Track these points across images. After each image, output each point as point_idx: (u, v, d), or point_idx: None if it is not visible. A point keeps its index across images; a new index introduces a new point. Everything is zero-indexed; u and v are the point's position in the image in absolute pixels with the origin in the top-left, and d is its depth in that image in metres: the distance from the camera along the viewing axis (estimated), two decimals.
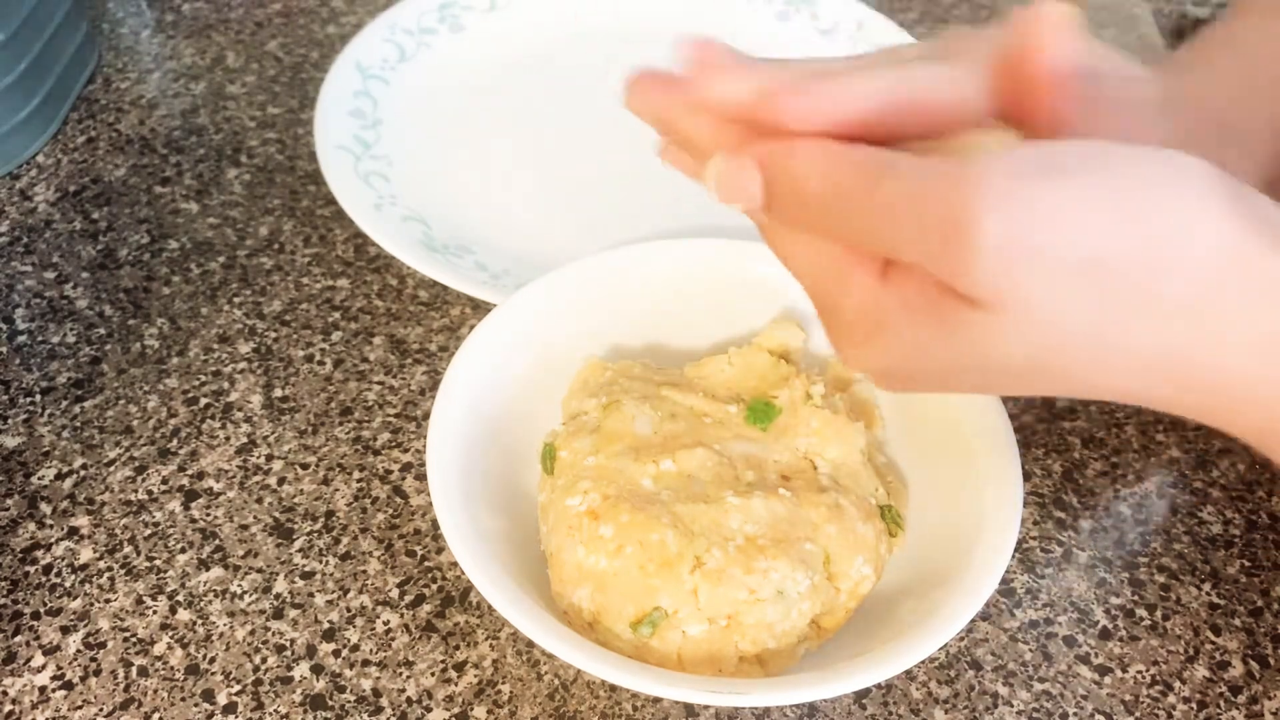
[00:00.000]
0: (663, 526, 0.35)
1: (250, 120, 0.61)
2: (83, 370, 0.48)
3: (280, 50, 0.66)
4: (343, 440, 0.46)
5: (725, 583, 0.34)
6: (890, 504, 0.39)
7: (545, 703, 0.39)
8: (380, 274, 0.53)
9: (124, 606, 0.41)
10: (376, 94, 0.59)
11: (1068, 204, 0.24)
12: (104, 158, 0.59)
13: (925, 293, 0.26)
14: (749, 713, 0.39)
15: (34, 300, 0.51)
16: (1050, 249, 0.24)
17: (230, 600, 0.41)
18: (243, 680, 0.39)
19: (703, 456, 0.38)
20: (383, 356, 0.49)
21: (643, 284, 0.45)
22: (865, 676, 0.33)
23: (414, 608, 0.41)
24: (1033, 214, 0.24)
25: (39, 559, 0.42)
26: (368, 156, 0.56)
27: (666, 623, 0.34)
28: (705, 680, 0.33)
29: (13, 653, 0.39)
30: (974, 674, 0.40)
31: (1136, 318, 0.25)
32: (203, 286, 0.52)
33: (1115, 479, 0.46)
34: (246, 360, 0.49)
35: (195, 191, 0.57)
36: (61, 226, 0.55)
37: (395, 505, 0.44)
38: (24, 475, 0.45)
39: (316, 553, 0.42)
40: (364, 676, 0.39)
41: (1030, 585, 0.43)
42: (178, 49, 0.65)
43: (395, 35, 0.61)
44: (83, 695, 0.38)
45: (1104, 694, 0.40)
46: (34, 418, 0.47)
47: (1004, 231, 0.24)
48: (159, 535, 0.43)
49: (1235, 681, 0.40)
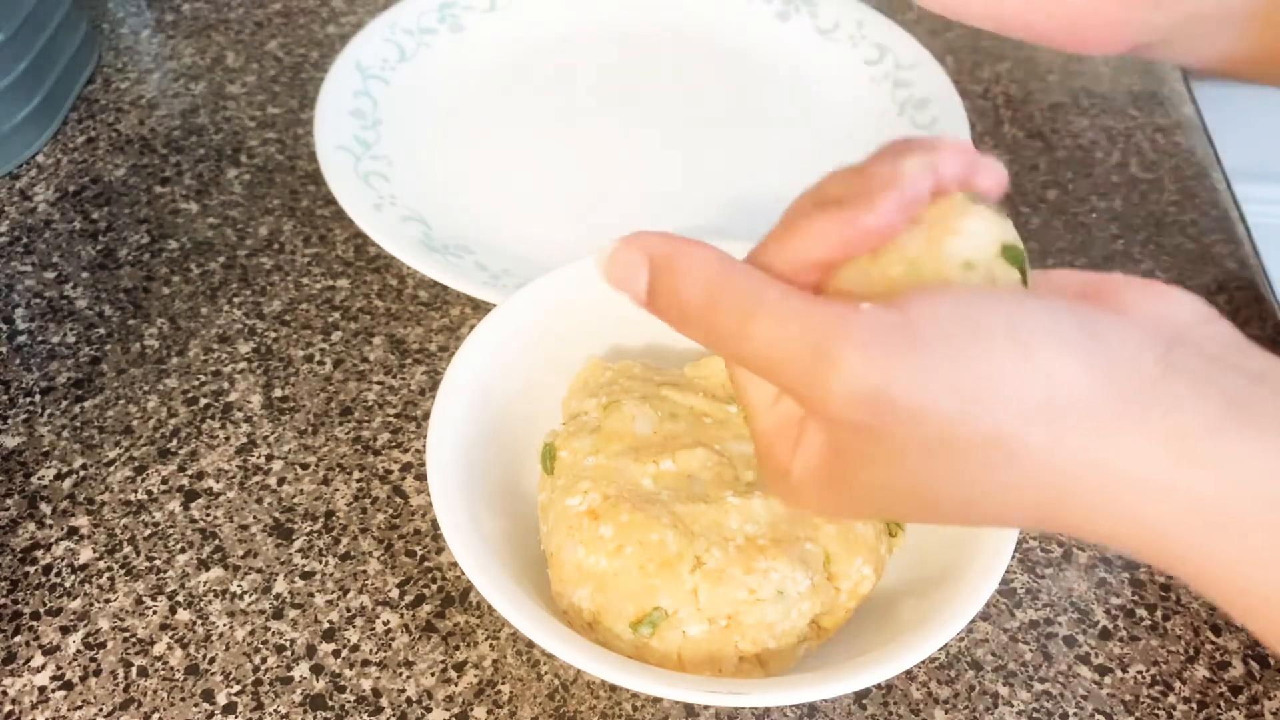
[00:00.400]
0: (663, 526, 0.35)
1: (250, 120, 0.61)
2: (83, 370, 0.48)
3: (280, 50, 0.66)
4: (343, 440, 0.46)
5: (725, 583, 0.34)
6: None
7: (545, 703, 0.39)
8: (380, 274, 0.53)
9: (124, 606, 0.41)
10: (376, 94, 0.59)
11: (916, 373, 0.24)
12: (104, 158, 0.59)
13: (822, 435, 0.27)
14: (749, 713, 0.39)
15: (34, 300, 0.51)
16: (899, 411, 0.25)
17: (230, 600, 0.41)
18: (243, 680, 0.39)
19: (703, 456, 0.38)
20: (383, 356, 0.49)
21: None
22: (865, 676, 0.33)
23: (414, 608, 0.41)
24: (883, 375, 0.24)
25: (39, 559, 0.42)
26: (368, 156, 0.56)
27: (666, 623, 0.34)
28: (705, 680, 0.33)
29: (13, 653, 0.39)
30: (974, 674, 0.40)
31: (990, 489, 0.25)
32: (203, 286, 0.52)
33: None
34: (246, 360, 0.49)
35: (195, 191, 0.57)
36: (61, 226, 0.55)
37: (395, 505, 0.44)
38: (24, 475, 0.45)
39: (316, 553, 0.42)
40: (364, 676, 0.39)
41: (1030, 585, 0.43)
42: (178, 49, 0.65)
43: (395, 35, 0.61)
44: (82, 695, 0.38)
45: (1104, 694, 0.40)
46: (34, 418, 0.47)
47: (858, 382, 0.25)
48: (159, 535, 0.43)
49: (1235, 681, 0.40)
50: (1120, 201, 0.58)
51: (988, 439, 0.24)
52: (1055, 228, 0.56)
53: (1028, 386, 0.24)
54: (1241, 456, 0.23)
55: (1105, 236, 0.56)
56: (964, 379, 0.24)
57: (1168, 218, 0.57)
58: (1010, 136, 0.61)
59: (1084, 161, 0.60)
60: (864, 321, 0.25)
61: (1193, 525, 0.24)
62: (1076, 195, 0.58)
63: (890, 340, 0.25)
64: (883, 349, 0.24)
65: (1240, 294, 0.54)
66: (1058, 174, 0.59)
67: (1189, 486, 0.24)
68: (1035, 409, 0.24)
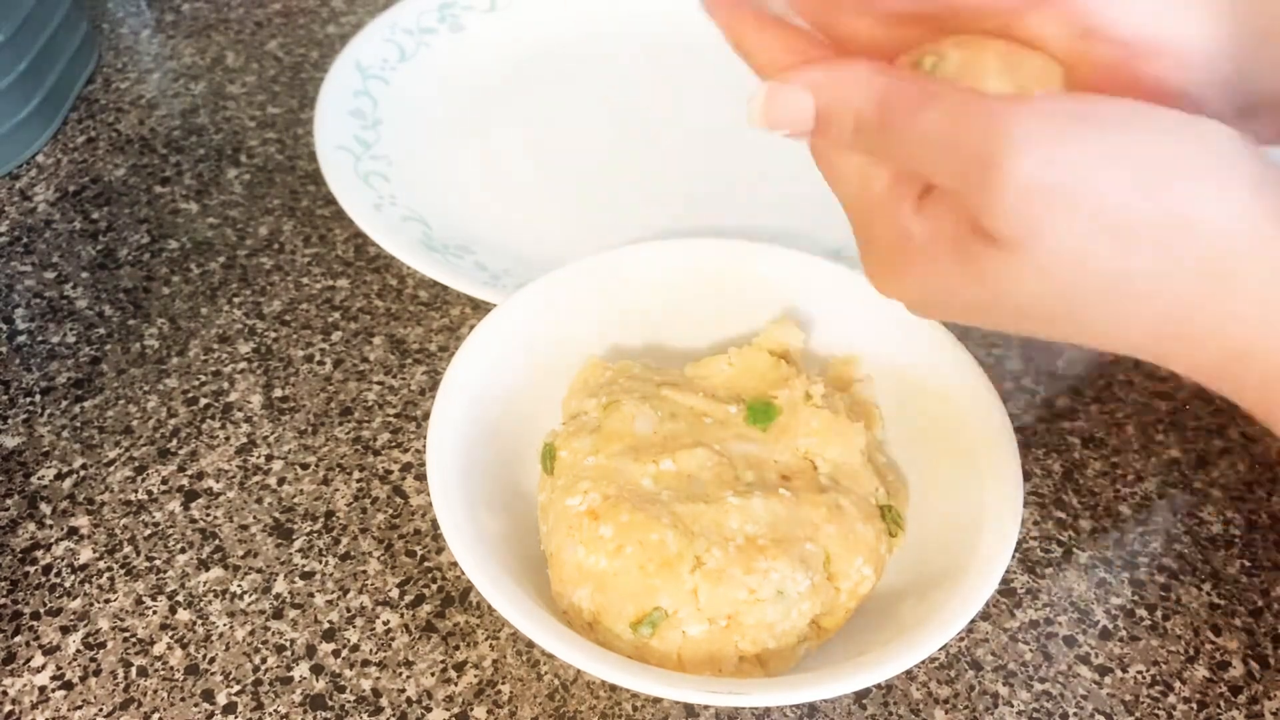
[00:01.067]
0: (663, 526, 0.35)
1: (250, 120, 0.61)
2: (83, 370, 0.48)
3: (280, 50, 0.66)
4: (343, 440, 0.46)
5: (725, 583, 0.34)
6: (890, 504, 0.39)
7: (545, 703, 0.39)
8: (380, 274, 0.53)
9: (124, 606, 0.41)
10: (376, 94, 0.59)
11: (1098, 157, 0.25)
12: (104, 158, 0.59)
13: (955, 228, 0.27)
14: (749, 713, 0.39)
15: (34, 300, 0.51)
16: (1077, 198, 0.25)
17: (230, 600, 0.41)
18: (242, 680, 0.39)
19: (703, 456, 0.37)
20: (383, 356, 0.49)
21: (643, 284, 0.45)
22: (865, 676, 0.33)
23: (414, 608, 0.41)
24: (1062, 161, 0.25)
25: (39, 559, 0.42)
26: (368, 156, 0.56)
27: (666, 623, 0.34)
28: (705, 680, 0.33)
29: (13, 653, 0.39)
30: (974, 674, 0.40)
31: (1153, 276, 0.26)
32: (203, 286, 0.52)
33: (1115, 479, 0.46)
34: (246, 360, 0.49)
35: (195, 191, 0.57)
36: (61, 226, 0.55)
37: (395, 505, 0.44)
38: (24, 475, 0.45)
39: (316, 553, 0.42)
40: (364, 676, 0.39)
41: (1030, 585, 0.43)
42: (178, 49, 0.65)
43: (395, 35, 0.61)
44: (82, 695, 0.38)
45: (1104, 694, 0.40)
46: (34, 418, 0.47)
47: (1032, 174, 0.25)
48: (159, 535, 0.43)
49: (1235, 681, 0.40)
50: None
51: (1168, 216, 0.25)
52: None
53: (1207, 169, 0.25)
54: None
55: None
56: (1148, 158, 0.25)
57: None
58: None
59: None
60: (1039, 106, 0.25)
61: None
62: None
63: (1069, 124, 0.25)
64: (1062, 131, 0.25)
65: None
66: None
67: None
68: (1214, 190, 0.25)
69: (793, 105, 0.29)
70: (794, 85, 0.29)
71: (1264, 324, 0.26)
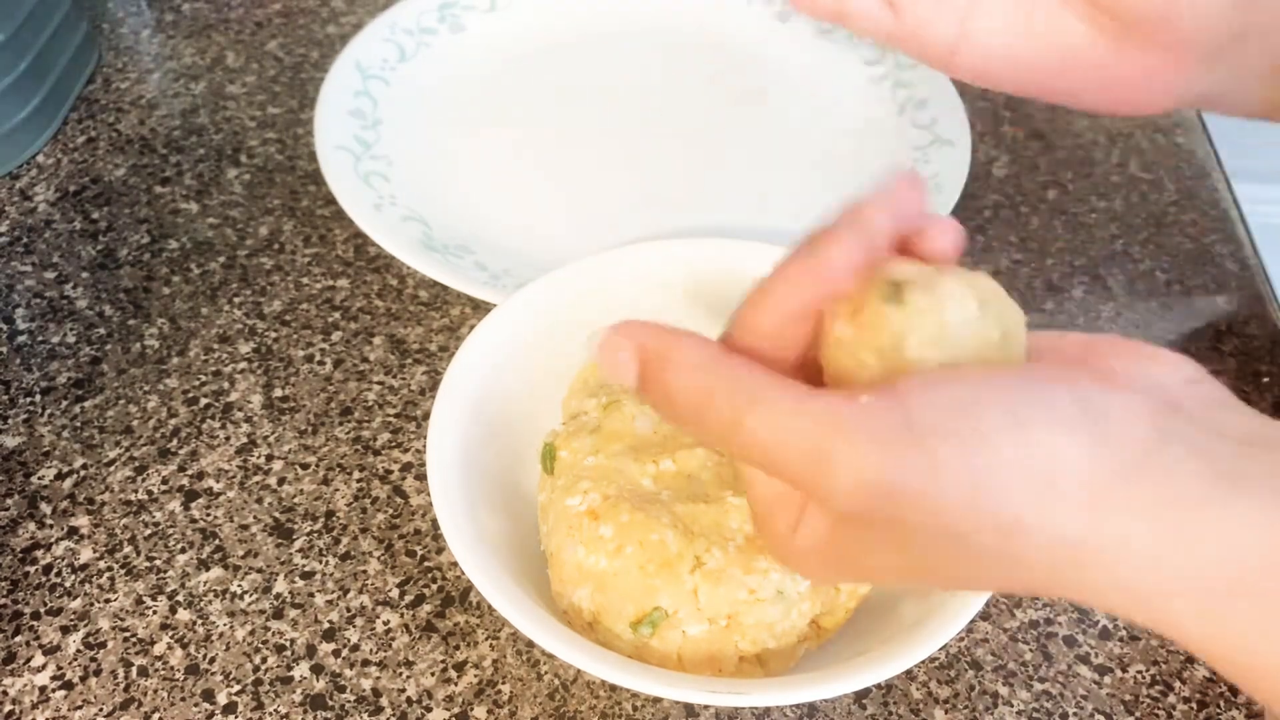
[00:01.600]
0: (663, 526, 0.35)
1: (250, 120, 0.61)
2: (83, 370, 0.48)
3: (280, 50, 0.66)
4: (343, 440, 0.46)
5: (725, 583, 0.34)
6: None
7: (545, 703, 0.39)
8: (380, 274, 0.53)
9: (124, 606, 0.41)
10: (376, 94, 0.59)
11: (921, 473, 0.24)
12: (104, 158, 0.59)
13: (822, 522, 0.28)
14: (749, 713, 0.39)
15: (34, 300, 0.51)
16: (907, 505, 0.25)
17: (230, 600, 0.41)
18: (243, 680, 0.39)
19: (703, 456, 0.38)
20: (383, 356, 0.49)
21: (643, 284, 0.45)
22: (865, 676, 0.33)
23: (414, 608, 0.41)
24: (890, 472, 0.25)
25: (39, 559, 0.42)
26: (368, 156, 0.56)
27: (666, 623, 0.34)
28: (705, 680, 0.33)
29: (13, 653, 0.39)
30: (974, 674, 0.40)
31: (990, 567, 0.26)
32: (203, 286, 0.52)
33: None
34: (246, 360, 0.49)
35: (195, 191, 0.57)
36: (61, 226, 0.55)
37: (395, 505, 0.44)
38: (24, 475, 0.45)
39: (316, 553, 0.43)
40: (364, 676, 0.39)
41: None
42: (178, 49, 0.65)
43: (395, 35, 0.61)
44: (83, 695, 0.38)
45: (1104, 694, 0.40)
46: (34, 418, 0.47)
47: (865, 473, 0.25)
48: (159, 535, 0.43)
49: None
50: (1120, 201, 0.58)
51: (994, 522, 0.25)
52: (1055, 228, 0.56)
53: (1029, 467, 0.24)
54: (1231, 527, 0.24)
55: (1105, 236, 0.56)
56: (968, 467, 0.24)
57: (1168, 218, 0.57)
58: (1010, 136, 0.61)
59: (1084, 161, 0.60)
60: (862, 418, 0.25)
61: (1187, 596, 0.24)
62: (1076, 195, 0.58)
63: (891, 437, 0.25)
64: (884, 447, 0.24)
65: (1240, 294, 0.54)
66: (1058, 174, 0.59)
67: (1181, 559, 0.24)
68: (1037, 489, 0.24)
69: (618, 359, 0.29)
70: (620, 341, 0.28)
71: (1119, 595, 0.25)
